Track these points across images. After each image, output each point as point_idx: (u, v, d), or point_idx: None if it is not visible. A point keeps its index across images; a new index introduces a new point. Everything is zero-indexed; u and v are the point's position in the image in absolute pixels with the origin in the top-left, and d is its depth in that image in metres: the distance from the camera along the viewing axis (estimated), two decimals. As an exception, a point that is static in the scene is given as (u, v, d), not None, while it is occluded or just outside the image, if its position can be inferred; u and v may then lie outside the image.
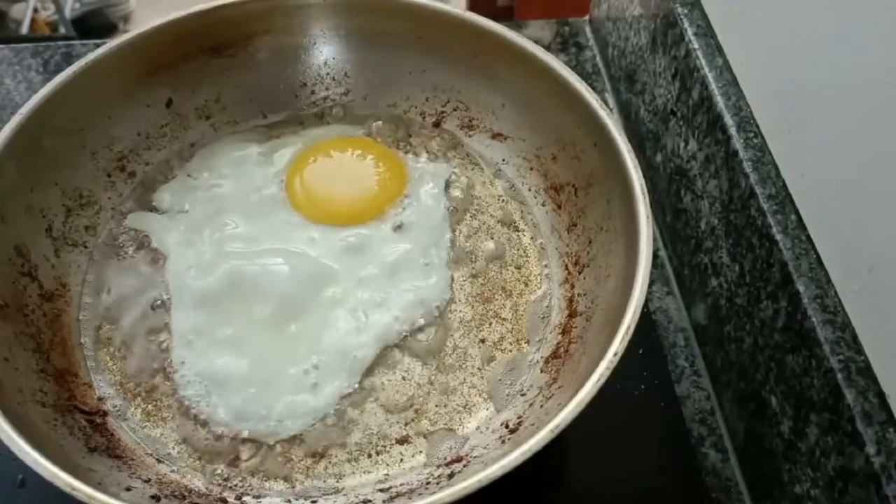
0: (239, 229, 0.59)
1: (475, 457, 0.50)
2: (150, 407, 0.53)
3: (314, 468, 0.51)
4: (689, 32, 0.62)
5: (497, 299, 0.58)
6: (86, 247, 0.58)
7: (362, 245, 0.58)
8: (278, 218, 0.60)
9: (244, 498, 0.49)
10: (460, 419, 0.53)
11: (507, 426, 0.51)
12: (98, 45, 0.59)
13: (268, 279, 0.56)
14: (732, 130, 0.56)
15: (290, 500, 0.49)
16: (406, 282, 0.57)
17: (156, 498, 0.46)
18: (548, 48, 0.60)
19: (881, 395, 0.44)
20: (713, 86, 0.59)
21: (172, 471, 0.50)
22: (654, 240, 0.49)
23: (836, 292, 0.48)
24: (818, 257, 0.50)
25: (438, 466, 0.50)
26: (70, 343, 0.54)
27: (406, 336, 0.56)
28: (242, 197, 0.61)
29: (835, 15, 0.48)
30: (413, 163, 0.64)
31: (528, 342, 0.56)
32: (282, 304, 0.55)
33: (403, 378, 0.54)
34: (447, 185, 0.63)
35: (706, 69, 0.60)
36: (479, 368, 0.55)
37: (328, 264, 0.57)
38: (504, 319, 0.57)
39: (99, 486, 0.40)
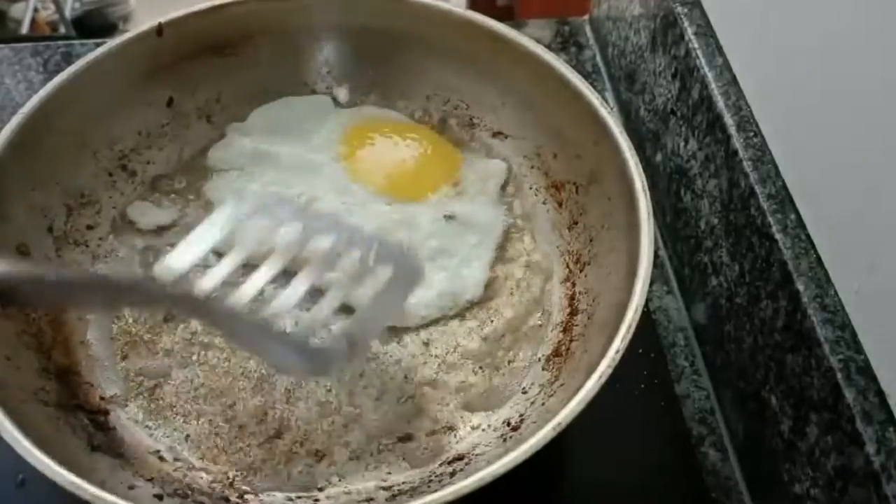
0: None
1: (477, 455, 0.50)
2: (152, 406, 0.53)
3: (316, 466, 0.51)
4: (689, 32, 0.62)
5: (499, 297, 0.58)
6: (87, 246, 0.59)
7: (407, 223, 0.59)
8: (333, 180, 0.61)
9: (246, 496, 0.49)
10: (462, 417, 0.53)
11: (508, 424, 0.51)
12: (98, 45, 0.59)
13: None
14: (732, 130, 0.56)
15: (292, 499, 0.49)
16: (440, 271, 0.58)
17: (159, 497, 0.46)
18: (548, 48, 0.60)
19: (881, 394, 0.44)
20: (713, 85, 0.59)
21: (175, 469, 0.50)
22: (654, 238, 0.49)
23: (835, 291, 0.48)
24: (818, 257, 0.50)
25: (440, 465, 0.50)
26: (72, 342, 0.54)
27: (419, 328, 0.56)
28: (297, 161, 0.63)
29: (835, 14, 0.48)
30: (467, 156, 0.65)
31: (529, 340, 0.56)
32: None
33: (405, 377, 0.54)
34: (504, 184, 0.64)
35: (706, 68, 0.60)
36: (480, 367, 0.55)
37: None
38: (505, 318, 0.57)
39: (102, 484, 0.40)
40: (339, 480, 0.50)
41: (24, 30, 2.03)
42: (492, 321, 0.57)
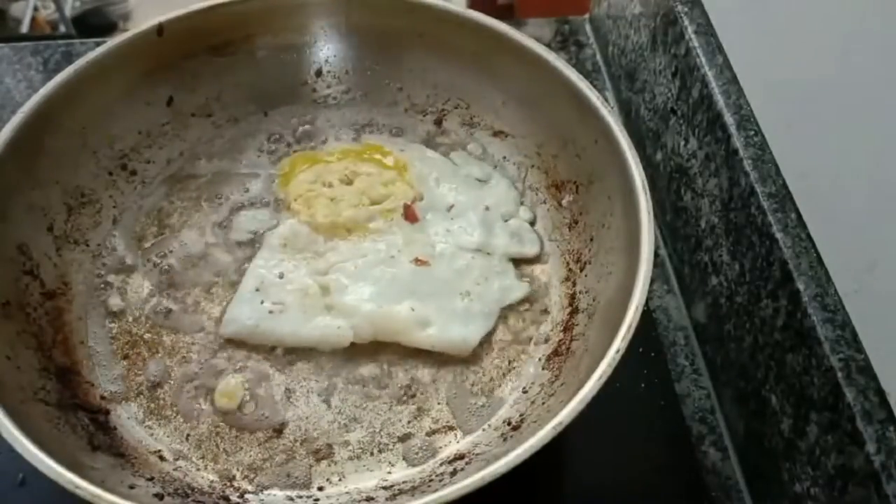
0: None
1: (477, 454, 0.50)
2: (152, 405, 0.53)
3: (317, 466, 0.51)
4: (690, 30, 0.62)
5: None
6: (87, 245, 0.58)
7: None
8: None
9: (246, 496, 0.49)
10: (462, 416, 0.53)
11: (509, 423, 0.51)
12: (98, 45, 0.59)
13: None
14: (732, 129, 0.56)
15: (292, 498, 0.49)
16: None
17: (159, 496, 0.46)
18: (548, 46, 0.60)
19: (881, 393, 0.44)
20: (713, 84, 0.59)
21: (176, 469, 0.50)
22: (654, 237, 0.49)
23: (835, 291, 0.48)
24: (818, 256, 0.50)
25: (441, 464, 0.50)
26: (72, 341, 0.54)
27: None
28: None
29: (835, 14, 0.48)
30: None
31: (529, 339, 0.56)
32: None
33: (405, 375, 0.54)
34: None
35: (706, 67, 0.60)
36: (480, 366, 0.55)
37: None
38: (506, 318, 0.57)
39: (102, 484, 0.40)
40: (340, 480, 0.50)
41: (25, 29, 2.03)
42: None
